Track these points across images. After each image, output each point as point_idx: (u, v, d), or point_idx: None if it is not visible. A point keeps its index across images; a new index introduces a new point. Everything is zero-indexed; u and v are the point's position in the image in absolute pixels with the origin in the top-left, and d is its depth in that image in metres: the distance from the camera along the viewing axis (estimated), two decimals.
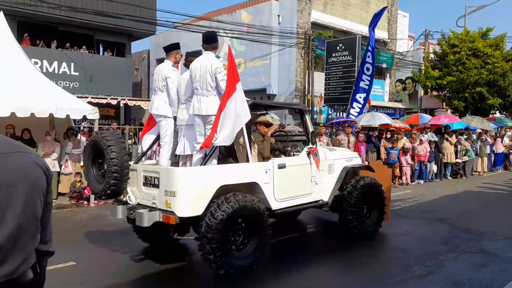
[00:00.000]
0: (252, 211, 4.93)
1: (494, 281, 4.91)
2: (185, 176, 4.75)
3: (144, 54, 31.14)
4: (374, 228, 6.80)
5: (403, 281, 4.92)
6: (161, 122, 5.66)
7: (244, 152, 5.32)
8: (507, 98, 22.44)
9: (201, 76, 5.05)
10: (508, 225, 7.73)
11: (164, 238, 5.89)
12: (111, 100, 17.47)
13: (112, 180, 4.90)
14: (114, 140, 5.01)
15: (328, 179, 6.36)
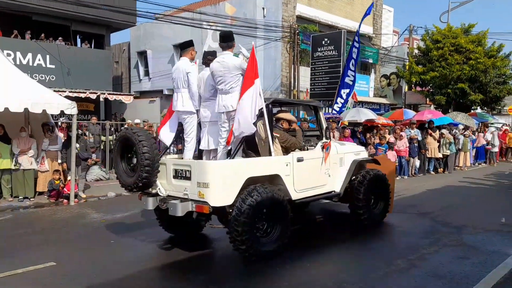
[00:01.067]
0: (276, 201, 5.40)
1: (474, 273, 5.02)
2: (218, 169, 5.12)
3: (124, 46, 30.60)
4: (380, 217, 7.34)
5: (387, 274, 4.98)
6: (186, 118, 5.88)
7: (266, 147, 5.70)
8: (488, 94, 22.72)
9: (224, 76, 5.36)
10: (487, 219, 7.85)
11: (186, 228, 6.44)
12: (90, 94, 17.11)
13: (144, 174, 5.27)
14: (144, 136, 5.36)
15: (339, 172, 6.82)
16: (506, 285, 4.64)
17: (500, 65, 22.33)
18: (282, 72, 21.63)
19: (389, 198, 7.50)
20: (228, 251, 5.52)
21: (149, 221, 7.76)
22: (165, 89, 26.91)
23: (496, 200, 10.06)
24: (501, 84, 22.97)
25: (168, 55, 26.25)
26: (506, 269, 5.12)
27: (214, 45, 23.69)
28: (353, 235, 6.88)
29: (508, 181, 12.97)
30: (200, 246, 6.20)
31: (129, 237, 6.70)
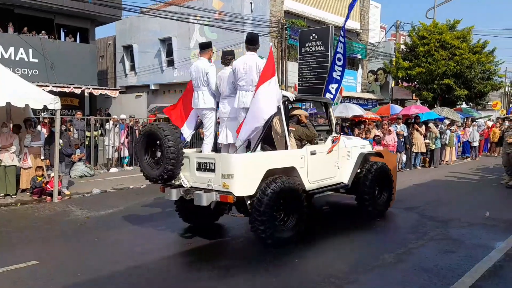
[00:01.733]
0: (293, 191, 5.80)
1: (460, 266, 5.07)
2: (241, 161, 5.50)
3: (110, 40, 30.20)
4: (384, 207, 7.78)
5: (373, 269, 5.01)
6: (207, 114, 6.28)
7: (282, 141, 6.16)
8: (473, 89, 22.95)
9: (246, 73, 5.69)
10: (472, 213, 7.94)
11: (203, 219, 6.76)
12: (74, 89, 16.83)
13: (170, 166, 5.59)
14: (169, 131, 5.67)
15: (347, 164, 7.24)
16: (491, 278, 4.69)
17: (484, 61, 22.59)
18: None
19: (391, 189, 7.95)
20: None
21: (134, 218, 7.71)
22: (152, 84, 26.66)
23: (481, 194, 10.17)
24: (486, 80, 23.22)
25: (154, 50, 25.98)
26: (490, 263, 5.18)
27: (201, 39, 23.49)
28: (341, 230, 6.88)
29: (492, 175, 13.10)
30: (199, 237, 6.15)
31: (114, 235, 6.61)
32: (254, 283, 4.64)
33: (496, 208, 8.17)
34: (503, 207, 8.49)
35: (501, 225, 7.06)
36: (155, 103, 24.28)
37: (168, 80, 25.79)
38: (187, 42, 24.18)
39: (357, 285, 4.53)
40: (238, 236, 6.59)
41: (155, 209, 8.37)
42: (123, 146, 13.90)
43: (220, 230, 6.87)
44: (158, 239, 6.34)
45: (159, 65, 26.06)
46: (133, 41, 27.33)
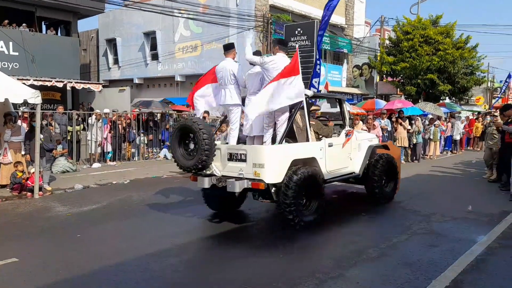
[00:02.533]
0: (315, 179, 6.44)
1: (442, 260, 5.10)
2: (271, 152, 6.13)
3: (93, 33, 29.75)
4: (391, 195, 8.51)
5: (357, 263, 5.01)
6: (233, 110, 6.78)
7: (303, 134, 6.79)
8: (456, 84, 23.25)
9: (274, 71, 6.25)
10: (455, 207, 8.02)
11: (228, 206, 7.44)
12: (56, 83, 16.52)
13: (204, 157, 6.12)
14: (203, 124, 6.23)
15: (358, 156, 7.90)
16: (473, 272, 4.73)
17: (467, 56, 22.90)
18: None
19: (397, 178, 8.72)
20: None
21: (117, 213, 7.62)
22: (135, 78, 26.38)
23: (464, 189, 10.29)
24: (469, 75, 23.57)
25: (138, 43, 25.69)
26: (472, 256, 5.22)
27: (186, 33, 23.32)
28: (326, 225, 6.85)
29: (475, 169, 13.29)
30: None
31: (97, 231, 6.51)
32: (235, 277, 4.60)
33: (478, 202, 8.28)
34: (485, 201, 8.59)
35: (483, 219, 7.15)
36: (139, 97, 24.05)
37: (152, 74, 25.55)
38: (171, 36, 23.95)
39: (341, 280, 4.52)
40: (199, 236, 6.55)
41: (138, 205, 8.27)
42: (106, 141, 13.71)
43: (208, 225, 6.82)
44: (142, 235, 6.25)
45: (143, 59, 25.79)
46: (116, 34, 26.98)
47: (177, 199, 8.87)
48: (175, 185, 10.39)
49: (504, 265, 5.00)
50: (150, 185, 10.33)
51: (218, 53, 21.87)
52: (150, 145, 15.41)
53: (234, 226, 6.79)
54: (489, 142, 11.59)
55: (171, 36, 23.97)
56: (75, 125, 13.08)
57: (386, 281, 4.47)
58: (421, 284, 4.39)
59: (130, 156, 14.85)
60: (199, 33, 22.55)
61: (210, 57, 22.31)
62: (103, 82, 25.72)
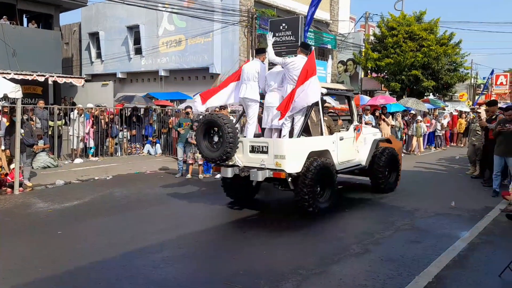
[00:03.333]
0: (328, 169, 7.06)
1: (425, 256, 5.13)
2: (292, 144, 6.76)
3: (75, 27, 29.21)
4: (394, 185, 9.17)
5: (341, 259, 5.02)
6: (252, 105, 7.35)
7: (317, 128, 7.42)
8: (440, 80, 23.46)
9: (293, 72, 6.87)
10: (439, 202, 8.09)
11: (245, 195, 7.98)
12: (37, 77, 16.14)
13: (229, 149, 6.68)
14: (227, 119, 6.84)
15: (364, 149, 8.54)
16: (455, 268, 4.77)
17: (451, 53, 23.09)
18: (240, 57, 21.35)
19: (399, 170, 9.39)
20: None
21: (99, 210, 7.53)
22: (119, 72, 26.01)
23: (447, 184, 10.40)
24: (452, 72, 23.78)
25: (121, 37, 25.31)
26: (455, 252, 5.26)
27: (169, 27, 23.06)
28: (310, 222, 6.86)
29: (458, 165, 13.45)
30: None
31: (78, 227, 6.42)
32: (217, 274, 4.56)
33: (461, 198, 8.32)
34: (468, 197, 8.65)
35: (466, 215, 7.22)
36: (122, 92, 23.72)
37: (136, 69, 25.23)
38: (155, 30, 23.65)
39: (324, 276, 4.52)
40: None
41: (121, 201, 8.20)
42: (89, 136, 13.50)
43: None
44: (124, 232, 6.18)
45: (126, 53, 25.43)
46: (99, 28, 26.53)
47: (159, 195, 8.81)
48: (158, 181, 10.32)
49: (486, 261, 5.05)
50: (133, 181, 10.27)
51: (202, 48, 21.82)
52: (133, 140, 15.23)
53: (216, 223, 6.81)
54: (472, 138, 11.70)
55: (155, 30, 23.67)
56: (57, 120, 12.84)
57: (369, 277, 4.47)
58: (404, 280, 4.40)
59: (112, 152, 14.66)
60: (183, 28, 22.32)
61: (195, 52, 22.14)
62: (86, 77, 25.26)
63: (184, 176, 10.75)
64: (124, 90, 25.40)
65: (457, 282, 4.39)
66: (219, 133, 6.93)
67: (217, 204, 8.14)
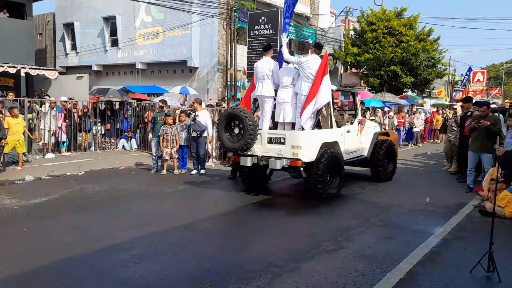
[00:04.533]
0: (338, 159, 7.87)
1: (398, 252, 5.12)
2: (307, 136, 7.52)
3: (49, 17, 28.47)
4: (391, 175, 10.03)
5: (314, 256, 4.97)
6: (268, 101, 8.04)
7: (327, 121, 8.16)
8: (418, 76, 23.65)
9: (307, 70, 7.51)
10: (413, 198, 8.13)
11: (260, 182, 8.65)
12: (9, 69, 15.64)
13: (249, 140, 7.38)
14: (248, 113, 7.58)
15: (366, 141, 9.38)
16: (427, 264, 4.75)
17: (429, 48, 23.27)
18: (219, 50, 21.12)
19: (396, 161, 10.28)
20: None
21: (68, 206, 7.28)
22: (94, 65, 25.46)
23: (423, 180, 10.46)
24: (430, 68, 23.99)
25: (97, 28, 24.75)
26: (427, 248, 5.25)
27: (147, 19, 22.63)
28: (284, 217, 6.85)
29: (434, 161, 13.56)
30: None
31: (44, 225, 6.18)
32: (187, 272, 4.43)
33: (436, 194, 8.39)
34: (442, 193, 8.72)
35: (440, 211, 7.25)
36: (98, 85, 23.23)
37: (112, 61, 24.71)
38: (132, 22, 23.19)
39: (296, 273, 4.44)
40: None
41: (91, 198, 7.94)
42: (61, 130, 13.11)
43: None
44: (92, 229, 5.97)
45: (102, 45, 24.89)
46: (74, 18, 25.89)
47: (132, 191, 8.60)
48: (132, 177, 10.11)
49: (458, 257, 5.05)
50: (106, 177, 10.00)
51: (180, 41, 21.48)
52: (108, 135, 14.86)
53: (189, 219, 6.59)
54: (448, 134, 11.81)
55: (132, 21, 23.20)
56: (27, 113, 12.41)
57: (341, 274, 4.42)
58: (375, 276, 4.37)
59: (86, 146, 14.29)
60: (161, 19, 21.93)
61: (172, 45, 21.79)
62: (60, 69, 24.67)
63: (159, 172, 10.54)
64: (99, 83, 24.88)
65: (428, 278, 4.36)
66: (239, 126, 7.59)
67: (191, 200, 8.04)
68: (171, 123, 10.47)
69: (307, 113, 7.53)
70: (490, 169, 7.88)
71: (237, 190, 8.75)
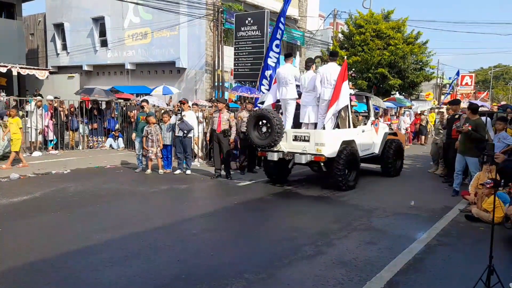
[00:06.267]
0: (355, 155, 8.98)
1: (379, 259, 4.93)
2: (329, 135, 8.52)
3: (40, 17, 28.23)
4: (399, 171, 11.14)
5: (292, 262, 4.79)
6: (291, 103, 9.10)
7: (345, 122, 9.16)
8: (406, 79, 23.72)
9: (328, 77, 8.55)
10: (397, 202, 7.98)
11: (282, 175, 9.58)
12: (0, 68, 15.49)
13: (276, 137, 8.40)
14: (275, 114, 8.62)
15: (377, 140, 10.48)
16: (410, 271, 4.58)
17: (417, 52, 23.34)
18: (207, 51, 21.06)
19: (403, 158, 11.40)
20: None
21: (48, 205, 7.15)
22: (85, 65, 25.27)
23: (408, 183, 10.31)
24: (418, 71, 24.06)
25: (87, 29, 24.58)
26: (410, 255, 5.08)
27: (135, 19, 22.52)
28: (263, 219, 6.71)
29: (421, 164, 13.50)
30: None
31: (21, 225, 6.06)
32: (157, 279, 4.29)
33: (421, 197, 8.23)
34: (428, 197, 8.54)
35: (425, 215, 7.05)
36: (89, 85, 23.10)
37: (102, 61, 24.56)
38: (121, 22, 23.07)
39: (271, 281, 4.28)
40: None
41: (73, 197, 7.81)
42: (48, 128, 13.01)
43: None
44: (68, 230, 5.83)
45: (92, 45, 24.72)
46: (64, 19, 25.69)
47: (114, 191, 8.49)
48: (116, 176, 10.03)
49: (442, 265, 4.85)
50: (91, 176, 9.94)
51: (168, 42, 21.37)
52: (95, 134, 14.78)
53: (167, 221, 6.45)
54: (435, 137, 11.80)
55: (121, 22, 23.06)
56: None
57: (318, 283, 4.25)
58: (354, 286, 4.20)
59: (73, 145, 14.19)
60: (149, 20, 21.83)
61: (161, 45, 21.71)
62: (51, 69, 24.51)
63: (144, 171, 10.47)
64: (90, 83, 24.72)
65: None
66: (267, 125, 8.57)
67: (171, 201, 7.92)
68: (153, 122, 10.41)
69: (329, 115, 8.54)
70: (477, 173, 7.74)
71: (219, 191, 8.69)
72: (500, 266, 4.27)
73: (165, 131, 10.68)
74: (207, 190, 9.04)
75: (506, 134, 8.24)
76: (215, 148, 10.10)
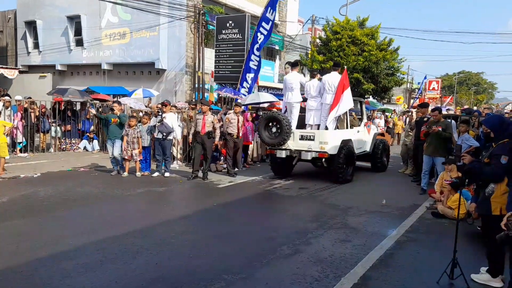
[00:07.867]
0: (352, 153, 10.24)
1: (354, 255, 5.14)
2: (332, 134, 9.80)
3: (10, 14, 27.53)
4: (385, 168, 12.58)
5: (270, 262, 4.86)
6: (296, 106, 10.37)
7: (343, 123, 10.54)
8: (378, 84, 24.27)
9: (331, 85, 9.87)
10: (371, 201, 8.30)
11: (287, 171, 10.92)
12: None
13: (286, 137, 9.67)
14: (285, 116, 9.89)
15: (368, 139, 11.90)
16: (381, 267, 4.80)
17: (389, 58, 23.93)
18: (187, 53, 20.98)
19: (389, 156, 13.00)
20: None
21: (15, 211, 6.85)
22: (58, 64, 24.76)
23: (381, 182, 10.71)
24: (390, 76, 24.68)
25: (61, 27, 24.11)
26: (381, 251, 5.32)
27: (113, 19, 22.24)
28: (242, 222, 6.73)
29: (392, 165, 13.75)
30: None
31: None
32: (134, 281, 4.26)
33: (392, 196, 8.63)
34: (398, 195, 8.95)
35: (395, 213, 7.42)
36: (63, 85, 22.61)
37: (77, 61, 24.12)
38: (97, 21, 22.74)
39: (250, 280, 4.32)
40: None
41: (43, 202, 7.52)
42: (17, 130, 12.62)
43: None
44: (37, 236, 5.57)
45: (66, 44, 24.24)
46: (37, 16, 25.14)
47: (88, 194, 8.22)
48: (91, 179, 9.78)
49: (411, 259, 5.13)
50: (63, 179, 9.60)
51: (147, 42, 21.19)
52: (68, 136, 14.44)
53: (144, 224, 6.33)
54: (405, 138, 12.31)
55: (97, 21, 22.72)
56: None
57: (296, 281, 4.34)
58: (330, 282, 4.33)
59: (44, 148, 13.82)
60: (128, 20, 21.59)
61: (140, 46, 21.49)
62: (21, 68, 23.90)
63: (120, 174, 10.30)
64: (64, 83, 24.23)
65: (381, 282, 4.39)
66: (277, 126, 9.81)
67: (148, 203, 7.81)
68: (132, 124, 10.24)
69: (331, 117, 9.79)
70: (440, 173, 8.24)
71: (199, 193, 8.65)
72: (462, 259, 4.55)
73: (144, 133, 10.53)
74: (186, 192, 8.99)
75: (468, 136, 8.81)
76: (196, 150, 10.06)
